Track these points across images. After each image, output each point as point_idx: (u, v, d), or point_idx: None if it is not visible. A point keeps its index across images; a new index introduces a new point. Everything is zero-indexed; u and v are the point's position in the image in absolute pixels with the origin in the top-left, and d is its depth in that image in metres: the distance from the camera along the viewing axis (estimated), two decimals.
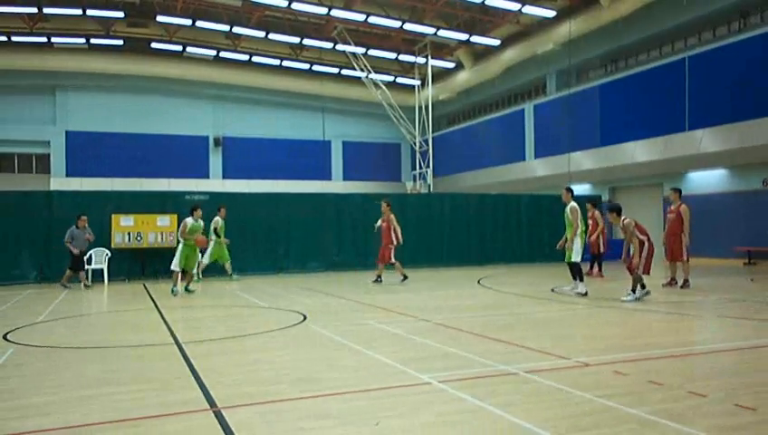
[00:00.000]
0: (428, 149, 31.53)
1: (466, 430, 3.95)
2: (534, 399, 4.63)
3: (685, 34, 24.07)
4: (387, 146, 40.69)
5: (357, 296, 12.02)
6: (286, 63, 34.09)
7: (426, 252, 19.97)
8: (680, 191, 12.97)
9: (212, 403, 4.61)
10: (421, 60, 31.70)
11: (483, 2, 25.39)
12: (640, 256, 10.31)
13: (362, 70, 31.70)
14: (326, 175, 38.48)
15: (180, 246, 12.82)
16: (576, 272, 11.15)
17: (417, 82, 33.02)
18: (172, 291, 12.62)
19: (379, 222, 14.87)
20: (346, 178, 39.05)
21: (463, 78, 34.57)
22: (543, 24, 27.80)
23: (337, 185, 36.62)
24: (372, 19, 27.59)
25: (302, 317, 9.07)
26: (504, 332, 7.70)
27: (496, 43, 29.95)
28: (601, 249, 15.57)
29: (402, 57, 33.40)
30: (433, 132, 32.69)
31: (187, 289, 13.06)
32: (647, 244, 10.44)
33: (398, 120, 32.76)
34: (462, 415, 4.25)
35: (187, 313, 10.54)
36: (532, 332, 7.81)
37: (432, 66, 31.88)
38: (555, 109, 28.70)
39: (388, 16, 28.19)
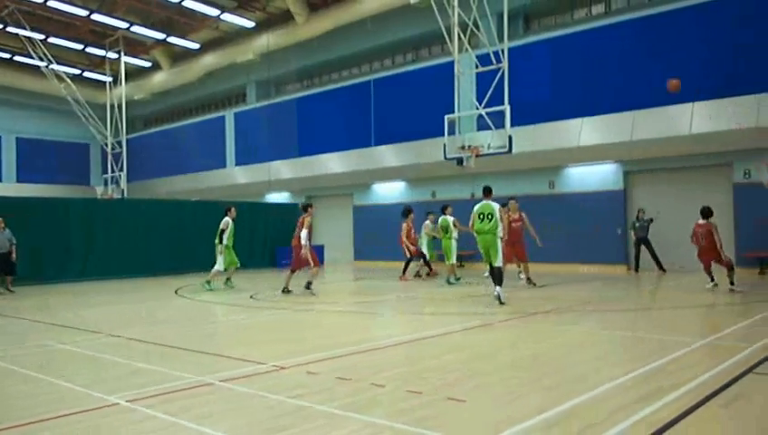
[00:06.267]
0: (122, 152, 29.33)
1: None
2: (229, 408, 4.63)
3: (370, 59, 26.59)
4: (73, 146, 36.83)
5: (34, 315, 10.56)
6: None
7: (118, 261, 18.59)
8: None
9: None
10: (113, 55, 29.36)
11: (180, 2, 24.54)
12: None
13: (41, 59, 28.08)
14: None
15: None
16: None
17: (108, 79, 30.38)
18: None
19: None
20: (21, 179, 34.25)
21: (160, 79, 33.02)
22: (243, 33, 28.03)
23: (8, 187, 31.78)
24: (53, 3, 24.55)
25: None
26: (202, 342, 7.55)
27: (196, 46, 29.23)
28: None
29: (91, 50, 30.44)
30: (127, 134, 30.49)
31: None
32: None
33: (87, 119, 29.76)
34: (153, 434, 4.05)
35: None
36: (232, 340, 7.82)
37: (126, 63, 29.75)
38: (256, 118, 29.19)
39: (71, 3, 25.37)
